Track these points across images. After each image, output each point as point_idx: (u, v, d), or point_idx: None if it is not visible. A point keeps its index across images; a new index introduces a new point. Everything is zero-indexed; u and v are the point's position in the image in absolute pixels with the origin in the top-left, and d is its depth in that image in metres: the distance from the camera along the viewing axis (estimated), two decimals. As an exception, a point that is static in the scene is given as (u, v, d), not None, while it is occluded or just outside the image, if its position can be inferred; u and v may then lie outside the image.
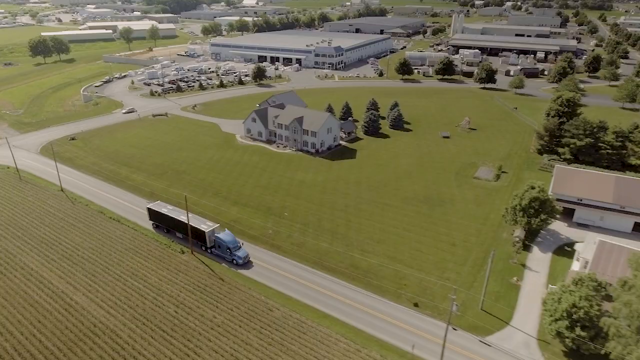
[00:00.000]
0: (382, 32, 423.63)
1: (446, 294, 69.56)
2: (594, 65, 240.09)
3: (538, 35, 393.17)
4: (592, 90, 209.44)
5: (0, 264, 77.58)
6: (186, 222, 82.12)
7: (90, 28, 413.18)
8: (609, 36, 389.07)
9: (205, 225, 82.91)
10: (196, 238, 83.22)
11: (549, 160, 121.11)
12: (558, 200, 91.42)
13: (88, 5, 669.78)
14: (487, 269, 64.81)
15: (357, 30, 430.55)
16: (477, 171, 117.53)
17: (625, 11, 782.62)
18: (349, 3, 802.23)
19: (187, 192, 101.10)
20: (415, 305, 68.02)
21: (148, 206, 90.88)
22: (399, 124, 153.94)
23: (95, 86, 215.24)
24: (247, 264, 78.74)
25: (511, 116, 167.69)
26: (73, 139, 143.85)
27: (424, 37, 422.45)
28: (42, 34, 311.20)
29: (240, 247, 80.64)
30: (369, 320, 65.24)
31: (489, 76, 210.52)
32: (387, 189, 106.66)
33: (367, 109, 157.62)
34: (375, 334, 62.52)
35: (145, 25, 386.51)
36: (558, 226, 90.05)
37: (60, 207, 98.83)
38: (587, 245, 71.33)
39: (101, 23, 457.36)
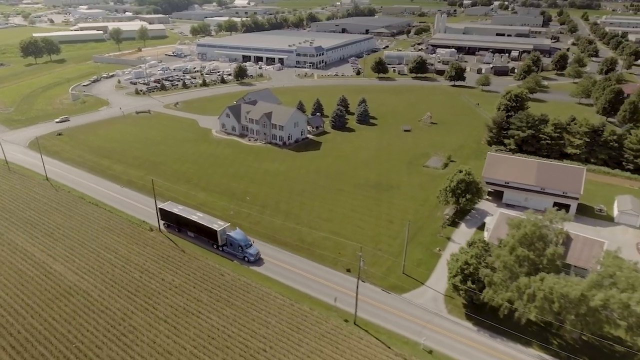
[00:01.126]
0: (367, 32, 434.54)
1: (376, 262, 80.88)
2: (561, 64, 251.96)
3: (518, 35, 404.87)
4: (556, 87, 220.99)
5: (1, 252, 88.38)
6: (196, 221, 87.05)
7: (82, 29, 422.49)
8: (588, 35, 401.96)
9: (216, 225, 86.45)
10: (208, 237, 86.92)
11: (495, 151, 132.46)
12: (488, 183, 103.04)
13: (80, 6, 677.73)
14: (406, 238, 76.20)
15: (344, 30, 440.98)
16: (428, 160, 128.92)
17: (613, 10, 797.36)
18: (339, 3, 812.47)
19: (161, 180, 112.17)
20: (348, 270, 79.24)
21: (160, 206, 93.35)
22: (365, 119, 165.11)
23: (84, 85, 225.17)
24: (258, 260, 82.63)
25: (473, 111, 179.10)
26: (60, 135, 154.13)
27: (407, 36, 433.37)
28: (34, 34, 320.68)
29: (251, 245, 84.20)
30: (306, 282, 76.45)
31: (458, 74, 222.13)
32: (343, 177, 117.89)
33: (339, 105, 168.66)
34: (309, 292, 73.75)
35: (135, 26, 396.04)
36: (488, 206, 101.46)
37: (45, 193, 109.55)
38: (493, 218, 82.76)
39: (92, 24, 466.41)
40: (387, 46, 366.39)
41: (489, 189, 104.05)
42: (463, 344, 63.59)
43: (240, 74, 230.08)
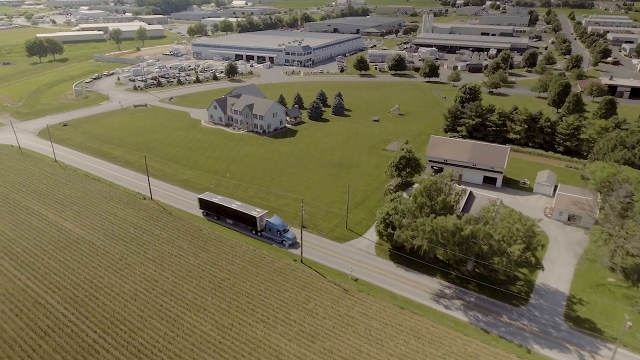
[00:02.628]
0: (358, 31, 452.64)
1: (327, 220, 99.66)
2: (530, 61, 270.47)
3: (502, 34, 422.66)
4: (523, 83, 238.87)
5: (11, 207, 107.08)
6: (236, 209, 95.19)
7: (83, 29, 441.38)
8: (572, 34, 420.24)
9: (255, 212, 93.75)
10: (246, 223, 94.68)
11: (449, 137, 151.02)
12: (431, 161, 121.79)
13: (81, 7, 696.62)
14: (347, 199, 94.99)
15: (335, 30, 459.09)
16: (388, 145, 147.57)
17: (605, 9, 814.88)
18: (334, 3, 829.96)
19: (153, 162, 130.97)
20: (304, 227, 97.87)
21: (199, 197, 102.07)
22: (339, 110, 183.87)
23: (86, 82, 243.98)
24: (294, 244, 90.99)
25: (439, 104, 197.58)
26: (65, 125, 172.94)
27: (396, 36, 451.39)
28: (38, 35, 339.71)
29: (288, 230, 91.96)
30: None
31: (432, 71, 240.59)
32: (311, 158, 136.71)
33: (316, 99, 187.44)
34: (267, 241, 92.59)
35: (134, 26, 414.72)
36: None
37: (54, 172, 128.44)
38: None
39: (93, 25, 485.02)
40: (375, 45, 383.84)
41: (433, 167, 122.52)
42: (383, 275, 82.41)
43: (231, 72, 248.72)
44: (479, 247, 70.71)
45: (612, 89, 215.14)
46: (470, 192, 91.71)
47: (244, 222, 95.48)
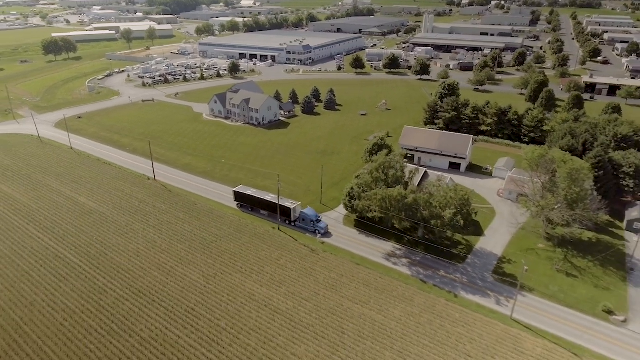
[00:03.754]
0: (360, 31, 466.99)
1: (305, 197, 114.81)
2: (519, 60, 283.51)
3: (500, 34, 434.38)
4: (510, 81, 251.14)
5: (34, 185, 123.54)
6: (270, 200, 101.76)
7: (96, 29, 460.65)
8: (571, 33, 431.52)
9: (289, 203, 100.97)
10: (281, 214, 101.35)
11: (429, 129, 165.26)
12: (404, 148, 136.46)
13: (94, 7, 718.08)
14: (322, 178, 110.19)
15: (339, 30, 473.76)
16: (370, 136, 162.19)
17: (612, 9, 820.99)
18: (340, 3, 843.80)
19: (158, 149, 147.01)
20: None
21: (234, 190, 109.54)
22: (331, 105, 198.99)
23: (98, 79, 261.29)
24: (327, 233, 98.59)
25: (426, 100, 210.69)
26: (80, 117, 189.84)
27: (397, 36, 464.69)
28: (53, 34, 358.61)
29: (320, 220, 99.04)
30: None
31: (423, 69, 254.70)
32: (299, 147, 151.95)
33: (311, 95, 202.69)
34: (253, 214, 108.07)
35: (144, 26, 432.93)
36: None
37: (70, 157, 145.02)
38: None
39: (105, 24, 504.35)
40: (375, 45, 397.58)
41: (406, 154, 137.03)
42: (346, 240, 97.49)
43: (234, 69, 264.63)
44: (420, 212, 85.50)
45: (592, 87, 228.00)
46: (425, 172, 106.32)
47: (279, 213, 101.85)
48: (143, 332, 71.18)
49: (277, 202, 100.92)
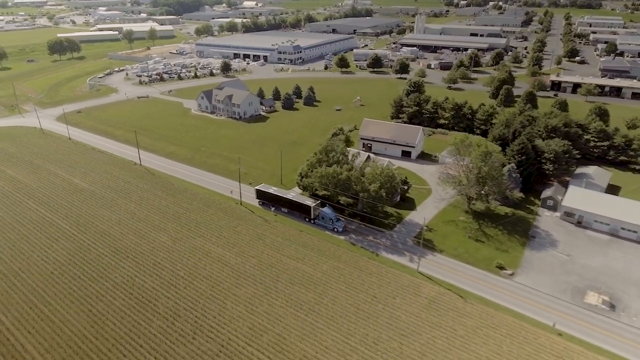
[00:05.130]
0: (354, 32, 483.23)
1: (269, 179, 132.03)
2: (496, 60, 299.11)
3: (490, 35, 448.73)
4: (484, 80, 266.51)
5: (34, 169, 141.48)
6: (291, 199, 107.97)
7: (100, 30, 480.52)
8: (560, 34, 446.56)
9: (309, 201, 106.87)
10: (301, 211, 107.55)
11: (394, 122, 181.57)
12: (362, 139, 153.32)
13: (100, 8, 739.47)
14: (280, 163, 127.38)
15: (334, 30, 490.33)
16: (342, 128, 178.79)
17: (612, 9, 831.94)
18: (340, 4, 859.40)
19: (146, 139, 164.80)
20: (250, 183, 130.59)
21: (256, 188, 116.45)
22: (310, 102, 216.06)
23: (99, 77, 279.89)
24: (344, 231, 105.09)
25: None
26: (79, 112, 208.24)
27: (390, 36, 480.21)
28: (58, 35, 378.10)
29: (339, 219, 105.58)
30: (223, 188, 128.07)
31: (402, 68, 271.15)
32: (272, 138, 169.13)
33: (292, 92, 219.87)
34: (223, 192, 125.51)
35: (146, 27, 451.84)
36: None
37: (67, 146, 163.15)
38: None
39: (109, 25, 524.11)
40: (366, 45, 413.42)
41: (364, 143, 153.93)
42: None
43: (226, 69, 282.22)
44: (353, 187, 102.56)
45: (558, 85, 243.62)
46: (369, 156, 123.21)
47: (299, 211, 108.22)
48: (116, 279, 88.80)
49: (298, 201, 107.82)
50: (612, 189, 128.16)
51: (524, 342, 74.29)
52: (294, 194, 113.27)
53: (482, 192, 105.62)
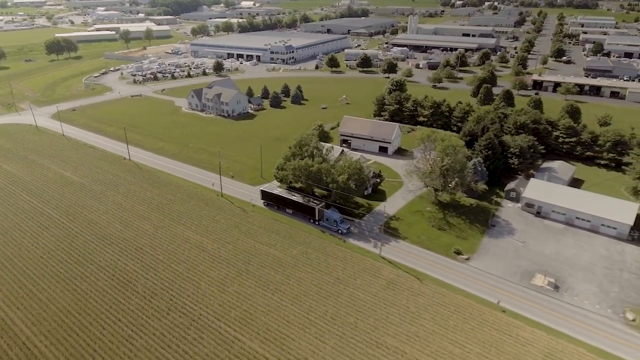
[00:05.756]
0: (349, 32, 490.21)
1: (250, 173, 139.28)
2: (483, 60, 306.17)
3: (481, 35, 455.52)
4: (468, 79, 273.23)
5: (29, 163, 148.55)
6: (296, 200, 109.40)
7: (97, 30, 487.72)
8: (552, 34, 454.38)
9: (313, 203, 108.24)
10: (306, 213, 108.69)
11: (376, 120, 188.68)
12: (342, 135, 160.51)
13: (98, 8, 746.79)
14: (260, 157, 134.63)
15: (329, 31, 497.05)
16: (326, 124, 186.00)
17: (608, 9, 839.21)
18: (338, 4, 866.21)
19: (137, 136, 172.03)
20: (232, 177, 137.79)
21: (261, 189, 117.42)
22: (297, 100, 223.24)
23: (94, 77, 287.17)
24: (348, 233, 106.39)
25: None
26: (74, 110, 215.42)
27: (383, 36, 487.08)
28: (56, 35, 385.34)
29: (343, 221, 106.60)
30: (206, 180, 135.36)
31: (390, 68, 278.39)
32: (258, 135, 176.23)
33: (281, 91, 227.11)
34: (206, 185, 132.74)
35: (142, 27, 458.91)
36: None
37: (61, 142, 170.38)
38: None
39: (107, 25, 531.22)
40: (359, 45, 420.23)
41: (344, 139, 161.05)
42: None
43: (218, 68, 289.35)
44: (323, 178, 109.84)
45: (540, 84, 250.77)
46: (342, 150, 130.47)
47: (304, 212, 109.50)
48: (100, 262, 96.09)
49: (303, 203, 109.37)
50: (576, 182, 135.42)
51: (469, 318, 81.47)
52: (298, 195, 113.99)
53: (446, 184, 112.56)
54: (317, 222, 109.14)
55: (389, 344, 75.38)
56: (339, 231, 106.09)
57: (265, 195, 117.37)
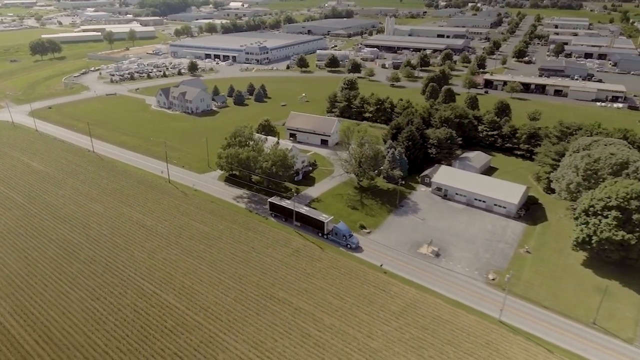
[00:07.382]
0: (328, 33, 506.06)
1: (199, 163, 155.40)
2: (444, 60, 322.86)
3: (455, 36, 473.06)
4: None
5: (2, 155, 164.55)
6: (305, 213, 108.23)
7: (84, 31, 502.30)
8: (525, 35, 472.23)
9: (322, 217, 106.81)
10: (314, 226, 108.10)
11: (327, 116, 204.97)
12: (288, 129, 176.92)
13: (87, 9, 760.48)
14: (207, 148, 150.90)
15: (309, 32, 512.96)
16: (277, 122, 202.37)
17: (591, 10, 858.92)
18: (326, 5, 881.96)
19: (103, 131, 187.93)
20: (183, 167, 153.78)
21: (269, 200, 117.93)
22: (260, 98, 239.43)
23: (74, 76, 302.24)
24: (358, 248, 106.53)
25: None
26: (50, 108, 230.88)
27: (361, 37, 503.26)
28: (42, 36, 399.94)
29: (352, 235, 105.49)
30: (158, 168, 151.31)
31: (354, 68, 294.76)
32: (216, 130, 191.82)
33: (246, 89, 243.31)
34: (154, 172, 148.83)
35: (126, 28, 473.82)
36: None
37: (33, 137, 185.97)
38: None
39: (94, 26, 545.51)
40: (335, 46, 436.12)
41: (290, 133, 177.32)
42: (215, 188, 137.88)
43: (193, 68, 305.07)
44: (252, 165, 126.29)
45: (490, 83, 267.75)
46: (277, 141, 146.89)
47: (312, 226, 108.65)
48: (52, 236, 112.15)
49: (311, 216, 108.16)
50: (490, 170, 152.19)
51: (354, 278, 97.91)
52: (307, 208, 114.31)
53: (364, 171, 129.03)
54: (325, 236, 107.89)
55: (281, 296, 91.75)
56: (348, 245, 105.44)
57: (273, 207, 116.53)
